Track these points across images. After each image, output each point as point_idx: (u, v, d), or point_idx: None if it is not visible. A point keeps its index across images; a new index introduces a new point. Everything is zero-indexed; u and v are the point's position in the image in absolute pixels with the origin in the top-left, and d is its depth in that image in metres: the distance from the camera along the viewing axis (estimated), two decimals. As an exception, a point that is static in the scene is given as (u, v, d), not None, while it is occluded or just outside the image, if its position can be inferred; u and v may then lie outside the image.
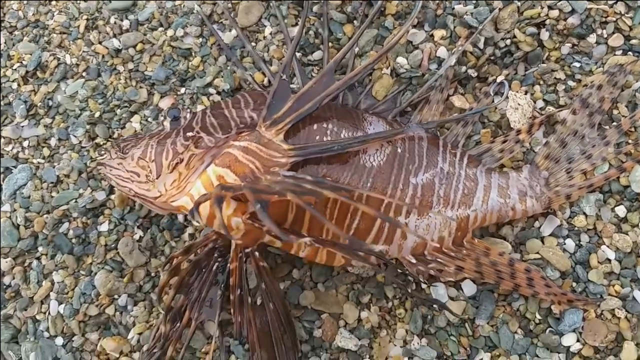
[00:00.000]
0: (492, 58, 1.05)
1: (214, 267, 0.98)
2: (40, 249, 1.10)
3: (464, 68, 1.05)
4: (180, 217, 1.08)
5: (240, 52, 1.12)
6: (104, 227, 1.09)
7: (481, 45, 1.04)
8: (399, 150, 0.93)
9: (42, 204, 1.12)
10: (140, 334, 1.03)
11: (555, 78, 1.03)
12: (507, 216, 0.96)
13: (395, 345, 0.98)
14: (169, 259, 0.97)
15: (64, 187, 1.13)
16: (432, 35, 1.08)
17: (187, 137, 0.92)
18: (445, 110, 1.05)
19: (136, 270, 1.06)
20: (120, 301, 1.05)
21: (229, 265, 0.98)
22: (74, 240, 1.09)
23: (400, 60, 1.06)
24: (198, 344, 1.01)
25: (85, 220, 1.10)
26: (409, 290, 0.97)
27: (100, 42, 1.18)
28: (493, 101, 1.04)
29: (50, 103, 1.17)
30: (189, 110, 0.96)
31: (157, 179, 0.91)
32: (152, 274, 1.06)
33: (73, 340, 1.05)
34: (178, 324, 0.99)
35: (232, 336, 1.00)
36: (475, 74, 1.05)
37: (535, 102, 1.03)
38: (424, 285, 0.98)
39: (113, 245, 1.07)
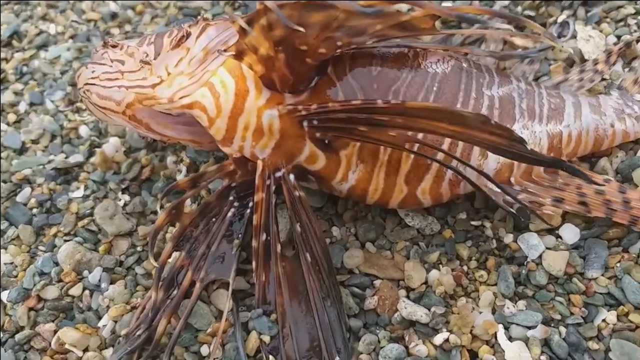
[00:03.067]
0: (548, -1, 0.93)
1: (228, 214, 0.73)
2: (-14, 226, 0.82)
3: (519, 8, 0.91)
4: (181, 178, 0.83)
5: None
6: (78, 193, 0.83)
7: (535, -15, 0.93)
8: (464, 65, 0.75)
9: (-2, 173, 0.86)
10: (116, 321, 0.73)
11: (624, 14, 0.90)
12: (605, 136, 0.76)
13: (482, 313, 0.70)
14: (169, 189, 0.71)
15: (29, 154, 0.89)
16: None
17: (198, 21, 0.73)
18: (507, 50, 0.89)
19: (117, 240, 0.79)
20: (92, 277, 0.76)
21: (250, 204, 0.73)
22: (34, 210, 0.82)
23: (447, 4, 0.93)
24: (202, 322, 0.70)
25: (54, 185, 0.84)
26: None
27: (93, 10, 1.02)
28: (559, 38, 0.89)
29: (25, 69, 0.97)
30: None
31: (154, 59, 0.70)
32: (139, 247, 0.79)
33: (15, 338, 0.73)
34: (175, 291, 0.70)
35: (252, 306, 0.71)
36: (533, 13, 0.91)
37: (606, 37, 0.88)
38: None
39: (88, 212, 0.80)
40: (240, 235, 0.72)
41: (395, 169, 0.70)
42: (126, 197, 0.83)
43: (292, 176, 0.70)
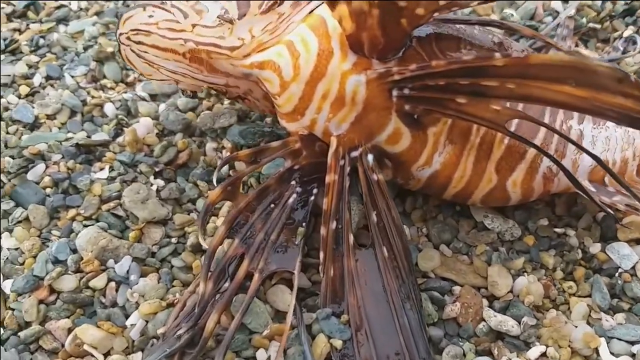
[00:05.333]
0: (612, 14, 0.89)
1: (290, 200, 0.63)
2: (-14, 204, 0.70)
3: (584, 19, 0.87)
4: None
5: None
6: (102, 174, 0.72)
7: (598, 0, 0.89)
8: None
9: (5, 148, 0.74)
10: (147, 320, 0.61)
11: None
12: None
13: (577, 327, 0.61)
14: (228, 158, 0.61)
15: (43, 129, 0.77)
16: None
17: None
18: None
19: (149, 227, 0.68)
20: (119, 268, 0.64)
21: (314, 190, 0.63)
22: (48, 190, 0.70)
23: (508, 11, 0.88)
24: (257, 322, 0.59)
25: (73, 164, 0.72)
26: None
27: (122, -13, 0.93)
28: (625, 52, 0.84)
29: (42, 42, 0.87)
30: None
31: (237, 20, 0.61)
32: (174, 238, 0.67)
33: (19, 336, 0.60)
34: (227, 284, 0.59)
35: (315, 307, 0.60)
36: (599, 26, 0.87)
37: (677, 53, 0.84)
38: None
39: (114, 195, 0.69)
40: (304, 224, 0.62)
41: (487, 154, 0.62)
42: (160, 182, 0.72)
43: (370, 156, 0.61)
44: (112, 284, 0.63)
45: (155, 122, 0.78)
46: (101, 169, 0.72)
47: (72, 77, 0.82)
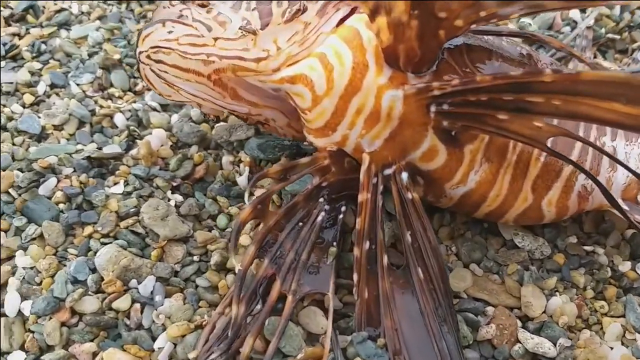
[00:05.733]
0: (631, 25, 0.89)
1: (318, 218, 0.61)
2: (-5, 222, 0.66)
3: (603, 30, 0.87)
4: (242, 179, 0.71)
5: None
6: (117, 189, 0.68)
7: (617, 11, 0.89)
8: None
9: (12, 160, 0.70)
10: (176, 343, 0.58)
11: None
12: None
13: (613, 349, 0.60)
14: (259, 176, 0.59)
15: (50, 141, 0.74)
16: None
17: None
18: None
19: (170, 246, 0.65)
20: (143, 288, 0.61)
21: (342, 208, 0.61)
22: (61, 206, 0.67)
23: (526, 20, 0.87)
24: (291, 346, 0.57)
25: (85, 178, 0.69)
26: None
27: (126, -10, 0.90)
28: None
29: (43, 48, 0.83)
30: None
31: (261, 30, 0.59)
32: (196, 256, 0.65)
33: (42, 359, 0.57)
34: (258, 306, 0.57)
35: (349, 329, 0.58)
36: (617, 37, 0.87)
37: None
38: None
39: (132, 211, 0.66)
40: (335, 244, 0.60)
41: (523, 172, 0.61)
42: (177, 197, 0.69)
43: (404, 174, 0.59)
44: (137, 305, 0.60)
45: (169, 133, 0.75)
46: (115, 184, 0.69)
47: (78, 85, 0.79)
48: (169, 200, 0.69)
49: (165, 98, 0.65)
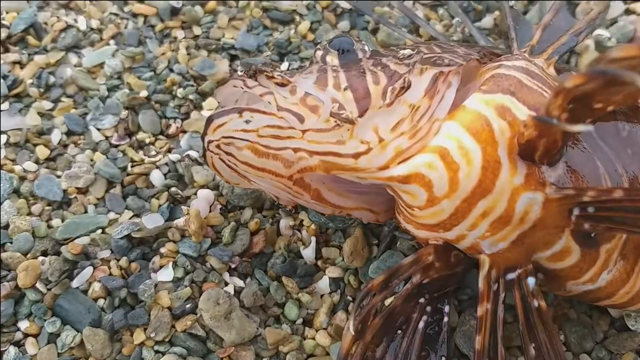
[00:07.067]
0: None
1: (420, 324, 0.51)
2: (22, 324, 0.55)
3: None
4: (308, 252, 0.60)
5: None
6: (165, 275, 0.57)
7: None
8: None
9: (33, 239, 0.59)
10: None
11: None
12: None
13: None
14: (363, 296, 0.49)
15: (75, 209, 0.62)
16: (628, 10, 0.79)
17: (403, 55, 0.51)
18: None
19: (237, 350, 0.55)
20: (214, 413, 0.51)
21: (446, 309, 0.52)
22: (102, 302, 0.56)
23: (602, 31, 0.76)
24: None
25: (126, 263, 0.58)
26: None
27: (142, 0, 0.75)
28: None
29: (52, 80, 0.69)
30: (364, 43, 0.54)
31: (359, 117, 0.47)
32: (266, 359, 0.55)
33: None
34: None
35: None
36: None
37: None
38: None
39: (189, 307, 0.55)
40: (443, 358, 0.51)
41: None
42: (237, 282, 0.58)
43: (530, 280, 0.50)
44: None
45: (216, 193, 0.63)
46: (162, 266, 0.58)
47: (99, 130, 0.66)
48: (227, 284, 0.58)
49: (233, 185, 0.53)
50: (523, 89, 0.48)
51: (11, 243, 0.58)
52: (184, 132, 0.67)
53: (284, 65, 0.71)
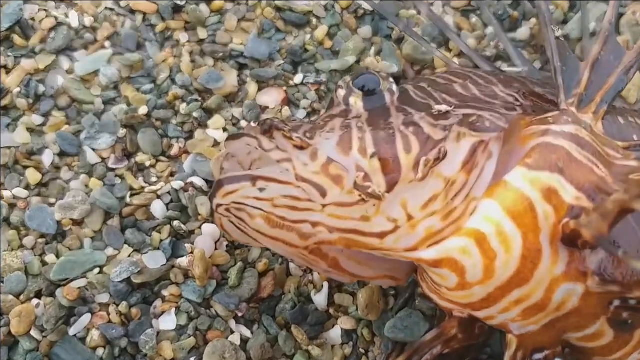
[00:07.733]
0: None
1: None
2: (16, 374, 0.52)
3: None
4: (320, 298, 0.57)
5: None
6: (168, 323, 0.54)
7: None
8: None
9: (26, 278, 0.55)
10: None
11: None
12: None
13: None
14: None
15: (70, 243, 0.57)
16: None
17: (439, 112, 0.45)
18: None
19: (246, 410, 0.52)
20: None
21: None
22: (101, 352, 0.53)
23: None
24: None
25: (126, 308, 0.54)
26: None
27: (140, -6, 0.67)
28: None
29: (42, 89, 0.62)
30: (391, 81, 0.49)
31: (387, 193, 0.42)
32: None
33: None
34: None
35: None
36: None
37: None
38: None
39: (192, 360, 0.53)
40: None
41: None
42: (243, 331, 0.55)
43: (558, 361, 0.47)
44: None
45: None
46: (164, 312, 0.55)
47: (95, 150, 0.61)
48: (232, 332, 0.55)
49: (243, 243, 0.49)
50: (572, 164, 0.43)
51: (2, 282, 0.54)
52: (187, 153, 0.62)
53: (298, 77, 0.65)
